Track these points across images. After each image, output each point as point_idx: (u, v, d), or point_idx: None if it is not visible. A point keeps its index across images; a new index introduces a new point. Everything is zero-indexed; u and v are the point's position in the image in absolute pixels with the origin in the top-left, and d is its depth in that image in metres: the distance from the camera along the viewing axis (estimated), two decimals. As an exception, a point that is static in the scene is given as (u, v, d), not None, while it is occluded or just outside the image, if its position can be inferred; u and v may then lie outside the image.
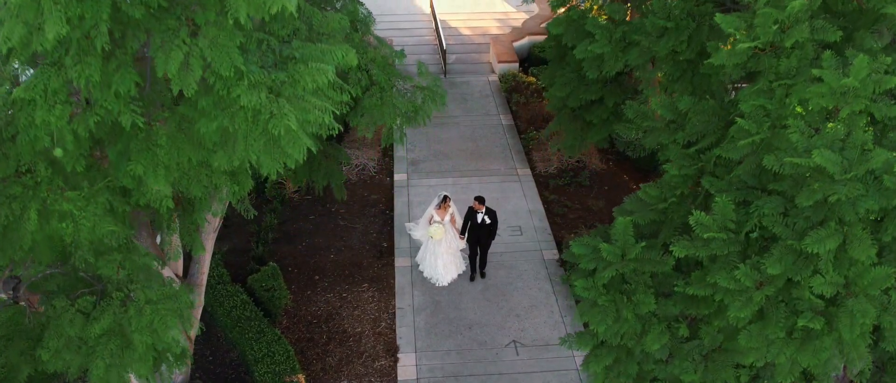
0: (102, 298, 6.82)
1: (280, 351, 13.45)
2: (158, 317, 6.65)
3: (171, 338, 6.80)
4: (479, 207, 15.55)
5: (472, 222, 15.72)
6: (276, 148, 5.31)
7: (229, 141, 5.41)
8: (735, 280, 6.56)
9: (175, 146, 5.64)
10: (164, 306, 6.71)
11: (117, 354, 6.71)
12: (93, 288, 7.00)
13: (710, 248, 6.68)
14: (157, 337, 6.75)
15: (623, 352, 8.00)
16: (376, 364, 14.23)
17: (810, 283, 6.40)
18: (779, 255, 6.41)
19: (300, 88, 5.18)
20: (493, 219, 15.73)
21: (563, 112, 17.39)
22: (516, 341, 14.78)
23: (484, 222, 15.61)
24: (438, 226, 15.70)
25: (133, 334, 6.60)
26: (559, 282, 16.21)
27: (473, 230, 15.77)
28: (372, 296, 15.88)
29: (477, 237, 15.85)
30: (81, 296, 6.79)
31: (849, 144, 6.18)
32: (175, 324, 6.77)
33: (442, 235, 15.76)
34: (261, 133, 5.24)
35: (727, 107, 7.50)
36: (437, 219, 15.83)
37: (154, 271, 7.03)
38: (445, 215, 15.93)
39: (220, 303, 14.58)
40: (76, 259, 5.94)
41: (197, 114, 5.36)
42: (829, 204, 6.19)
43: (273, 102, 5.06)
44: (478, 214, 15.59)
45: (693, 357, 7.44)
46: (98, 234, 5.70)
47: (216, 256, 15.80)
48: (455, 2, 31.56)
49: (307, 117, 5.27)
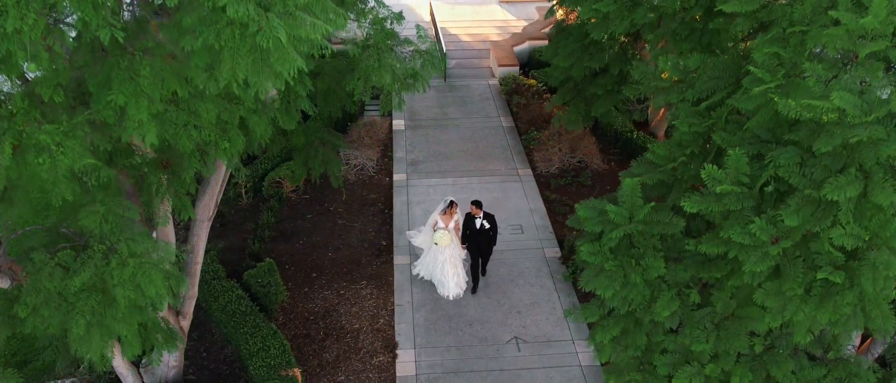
0: (84, 252, 6.49)
1: (275, 346, 13.09)
2: (142, 272, 6.31)
3: (155, 293, 6.44)
4: (477, 212, 14.86)
5: (470, 229, 15.02)
6: (265, 65, 5.00)
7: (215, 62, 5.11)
8: (750, 235, 6.23)
9: (158, 77, 5.35)
10: (149, 260, 6.37)
11: (98, 312, 6.37)
12: (74, 243, 6.68)
13: (722, 203, 6.36)
14: (141, 293, 6.41)
15: (631, 322, 7.66)
16: (374, 360, 13.86)
17: (830, 235, 6.09)
18: (796, 206, 6.09)
19: (291, 4, 4.90)
20: (492, 224, 15.02)
21: (566, 86, 17.10)
22: (518, 337, 14.41)
23: (483, 228, 14.91)
24: (444, 233, 14.94)
25: (115, 288, 6.25)
26: (561, 280, 15.88)
27: (473, 237, 15.05)
28: (370, 293, 15.54)
29: (477, 245, 15.17)
30: (62, 250, 6.45)
31: (868, 88, 5.91)
32: (160, 279, 6.42)
33: (448, 242, 15.02)
34: (249, 50, 4.95)
35: (738, 62, 7.23)
36: (442, 225, 15.10)
37: (138, 225, 6.70)
38: (451, 221, 15.19)
39: (214, 298, 14.25)
40: (53, 197, 5.60)
41: (181, 33, 5.08)
42: (848, 149, 5.90)
43: (261, 16, 4.78)
44: (476, 220, 14.90)
45: (704, 325, 7.08)
46: (78, 168, 5.38)
47: (211, 253, 15.50)
48: (455, 10, 31.52)
49: (298, 32, 4.98)
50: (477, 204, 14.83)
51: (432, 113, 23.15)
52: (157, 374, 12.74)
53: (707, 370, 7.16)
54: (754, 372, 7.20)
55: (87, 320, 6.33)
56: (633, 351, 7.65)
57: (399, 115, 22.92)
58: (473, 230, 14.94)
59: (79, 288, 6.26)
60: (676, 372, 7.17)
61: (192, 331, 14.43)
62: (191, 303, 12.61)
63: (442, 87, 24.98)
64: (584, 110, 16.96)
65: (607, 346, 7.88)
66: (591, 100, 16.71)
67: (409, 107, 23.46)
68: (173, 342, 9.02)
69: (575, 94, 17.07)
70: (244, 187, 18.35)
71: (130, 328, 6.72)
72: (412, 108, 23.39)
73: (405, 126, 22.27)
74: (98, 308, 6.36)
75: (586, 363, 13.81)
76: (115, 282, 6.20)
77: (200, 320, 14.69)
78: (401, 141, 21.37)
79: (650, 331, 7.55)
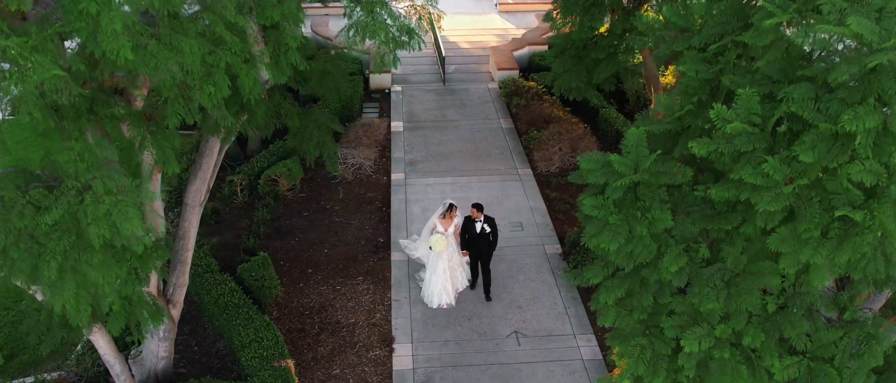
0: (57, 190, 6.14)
1: (268, 337, 12.71)
2: (118, 209, 5.94)
3: (130, 231, 6.05)
4: (477, 215, 14.24)
5: (469, 233, 14.38)
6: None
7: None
8: (763, 175, 5.89)
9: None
10: (125, 199, 6.00)
11: (72, 256, 6.00)
12: (48, 185, 6.33)
13: (733, 145, 6.03)
14: (116, 232, 6.03)
15: (636, 282, 7.29)
16: (370, 354, 13.46)
17: (848, 171, 5.76)
18: (811, 143, 5.76)
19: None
20: (492, 227, 14.39)
21: (566, 53, 16.82)
22: (518, 331, 14.03)
23: (483, 232, 14.27)
24: (440, 237, 14.23)
25: (89, 227, 5.88)
26: (562, 275, 15.51)
27: (472, 242, 14.44)
28: (367, 289, 15.17)
29: (477, 249, 14.54)
30: (35, 190, 6.10)
31: (885, 14, 5.62)
32: (136, 217, 6.05)
33: (444, 246, 14.29)
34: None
35: (745, 6, 6.93)
36: (440, 230, 14.39)
37: (116, 166, 6.35)
38: (450, 225, 14.49)
39: (206, 291, 13.88)
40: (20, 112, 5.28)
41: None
42: (867, 79, 5.60)
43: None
44: (476, 223, 14.26)
45: (714, 283, 6.71)
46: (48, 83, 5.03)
47: (204, 247, 15.17)
48: (455, 19, 31.38)
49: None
50: (477, 207, 14.27)
51: (431, 115, 22.91)
52: (145, 366, 12.35)
53: (717, 331, 6.80)
54: (767, 334, 6.83)
55: (60, 263, 5.96)
56: (639, 314, 7.27)
57: (397, 117, 22.69)
58: (473, 234, 14.35)
59: (50, 227, 5.90)
60: (685, 335, 6.79)
61: (184, 326, 14.06)
62: (181, 292, 12.24)
63: (441, 90, 24.77)
64: (585, 77, 16.63)
65: (611, 309, 7.49)
66: (592, 66, 16.39)
67: (408, 110, 23.23)
68: (159, 317, 8.66)
69: (576, 61, 16.74)
70: (239, 185, 18.04)
71: (108, 278, 6.35)
72: (411, 110, 23.16)
73: (404, 127, 22.01)
74: (72, 251, 6.00)
75: (588, 357, 13.43)
76: (88, 219, 5.84)
77: (192, 315, 14.32)
78: (399, 142, 21.10)
79: (657, 293, 7.18)
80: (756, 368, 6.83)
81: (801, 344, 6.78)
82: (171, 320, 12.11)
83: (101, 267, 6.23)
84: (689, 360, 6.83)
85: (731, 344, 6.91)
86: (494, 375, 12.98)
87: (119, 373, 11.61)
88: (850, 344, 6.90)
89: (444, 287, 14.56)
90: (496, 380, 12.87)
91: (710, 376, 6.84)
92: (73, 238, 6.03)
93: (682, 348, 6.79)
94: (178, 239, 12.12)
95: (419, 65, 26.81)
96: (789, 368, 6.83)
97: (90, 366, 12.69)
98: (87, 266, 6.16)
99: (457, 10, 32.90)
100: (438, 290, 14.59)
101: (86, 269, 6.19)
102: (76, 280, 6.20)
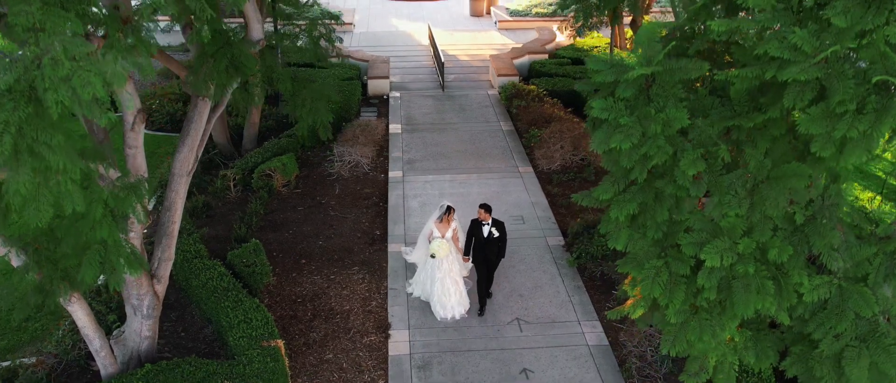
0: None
1: (258, 318, 12.10)
2: (78, 74, 5.37)
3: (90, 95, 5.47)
4: (485, 217, 12.94)
5: (476, 237, 13.05)
6: None
7: None
8: (791, 47, 5.40)
9: None
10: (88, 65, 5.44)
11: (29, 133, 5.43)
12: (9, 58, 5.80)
13: (757, 21, 5.57)
14: (76, 97, 5.46)
15: (650, 195, 6.72)
16: (365, 339, 12.83)
17: (886, 34, 5.27)
18: (843, 7, 5.29)
19: None
20: (501, 231, 13.09)
21: None
22: (520, 319, 13.41)
23: (491, 236, 12.97)
24: (441, 242, 13.04)
25: (46, 94, 5.32)
26: (565, 265, 14.94)
27: (479, 247, 13.08)
28: (362, 278, 14.58)
29: (484, 256, 13.15)
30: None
31: None
32: (98, 82, 5.49)
33: (447, 252, 13.10)
34: None
35: None
36: (438, 235, 13.18)
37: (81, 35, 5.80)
38: (448, 230, 13.28)
39: (195, 275, 13.30)
40: None
41: None
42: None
43: None
44: (484, 226, 12.96)
45: (736, 191, 6.16)
46: None
47: (194, 235, 14.61)
48: (454, 36, 31.34)
49: None
50: (485, 208, 13.02)
51: (430, 118, 22.54)
52: (128, 346, 11.73)
53: (740, 246, 6.23)
54: (795, 248, 6.27)
55: (14, 139, 5.40)
56: (654, 233, 6.70)
57: (395, 119, 22.32)
58: (480, 239, 13.01)
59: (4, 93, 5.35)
60: (704, 249, 6.21)
61: (170, 313, 13.46)
62: (166, 266, 11.70)
63: (440, 96, 24.45)
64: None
65: (623, 231, 6.91)
66: None
67: (406, 113, 22.88)
68: (137, 266, 8.12)
69: None
70: (232, 180, 17.56)
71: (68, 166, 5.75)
72: (409, 114, 22.81)
73: (402, 129, 21.62)
74: (28, 128, 5.45)
75: (594, 342, 12.80)
76: (46, 84, 5.30)
77: (180, 303, 13.72)
78: (397, 142, 20.69)
79: (673, 208, 6.63)
80: (783, 286, 6.26)
81: (831, 262, 6.20)
82: (156, 296, 11.53)
83: (62, 151, 5.67)
84: (709, 278, 6.26)
85: (755, 260, 6.34)
86: (496, 360, 12.35)
87: (98, 349, 10.99)
88: (885, 261, 6.36)
89: (461, 299, 13.35)
90: (498, 365, 12.23)
91: (733, 296, 6.26)
92: (29, 109, 5.50)
93: (703, 265, 6.23)
94: (164, 210, 11.62)
95: (419, 75, 26.55)
96: (819, 288, 6.27)
97: (70, 348, 12.06)
98: (46, 148, 5.62)
99: (456, 28, 32.89)
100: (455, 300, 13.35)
101: (44, 151, 5.64)
102: (33, 164, 5.65)
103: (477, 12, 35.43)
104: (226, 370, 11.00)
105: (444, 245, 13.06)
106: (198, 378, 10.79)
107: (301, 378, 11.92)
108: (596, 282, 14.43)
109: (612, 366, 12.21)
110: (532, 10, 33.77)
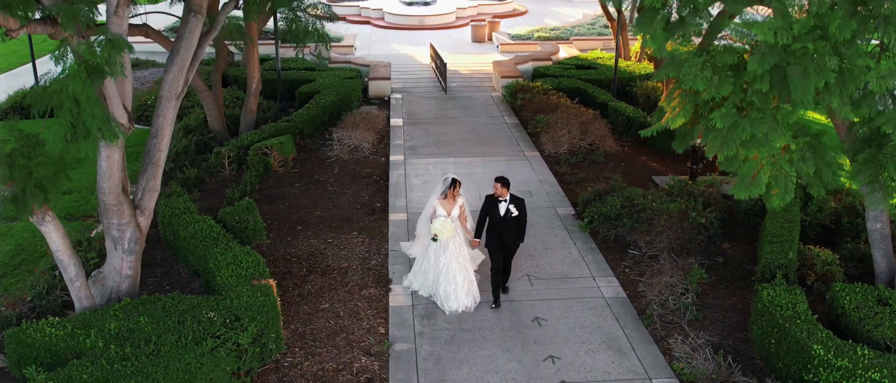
0: None
1: (249, 261, 11.20)
2: None
3: None
4: (502, 193, 10.89)
5: (491, 216, 10.99)
6: None
7: None
8: None
9: None
10: None
11: None
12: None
13: None
14: None
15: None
16: (364, 292, 11.90)
17: None
18: None
19: None
20: (521, 209, 11.00)
21: None
22: (530, 275, 12.50)
23: (509, 215, 10.89)
24: (445, 221, 11.00)
25: None
26: (577, 230, 14.09)
27: (494, 228, 10.97)
28: (362, 241, 13.72)
29: (499, 237, 10.99)
30: None
31: None
32: None
33: (452, 233, 11.07)
34: None
35: None
36: (443, 213, 11.15)
37: None
38: (454, 207, 11.23)
39: (183, 228, 12.44)
40: None
41: None
42: None
43: None
44: (500, 203, 10.91)
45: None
46: None
47: (184, 196, 13.80)
48: (456, 57, 30.97)
49: None
50: (502, 181, 10.97)
51: (432, 114, 22.00)
52: (107, 286, 10.84)
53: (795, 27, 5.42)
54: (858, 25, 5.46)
55: None
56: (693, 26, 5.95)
57: (397, 113, 21.76)
58: (496, 218, 10.94)
59: None
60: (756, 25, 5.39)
61: (156, 269, 12.60)
62: (151, 198, 10.93)
63: (442, 97, 23.97)
64: None
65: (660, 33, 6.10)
66: None
67: (408, 110, 22.32)
68: (111, 131, 7.37)
69: None
70: (227, 157, 16.86)
71: None
72: (411, 111, 22.27)
73: (404, 122, 21.03)
74: None
75: (610, 295, 11.87)
76: None
77: (166, 260, 12.89)
78: (399, 133, 20.08)
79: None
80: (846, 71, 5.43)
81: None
82: (138, 228, 10.72)
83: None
84: (762, 62, 5.44)
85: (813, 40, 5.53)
86: (505, 309, 11.40)
87: (73, 278, 10.10)
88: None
89: (470, 289, 11.30)
90: (507, 314, 11.28)
91: (788, 83, 5.43)
92: None
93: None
94: (151, 137, 10.92)
95: (420, 84, 26.12)
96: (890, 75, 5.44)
97: (45, 292, 11.12)
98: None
99: (458, 51, 32.67)
100: (463, 290, 11.26)
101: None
102: None
103: (479, 38, 35.34)
104: (211, 303, 10.07)
105: (449, 224, 11.00)
106: (180, 310, 9.86)
107: (294, 324, 10.97)
108: (610, 243, 13.57)
109: (632, 316, 11.27)
110: (534, 34, 33.64)
